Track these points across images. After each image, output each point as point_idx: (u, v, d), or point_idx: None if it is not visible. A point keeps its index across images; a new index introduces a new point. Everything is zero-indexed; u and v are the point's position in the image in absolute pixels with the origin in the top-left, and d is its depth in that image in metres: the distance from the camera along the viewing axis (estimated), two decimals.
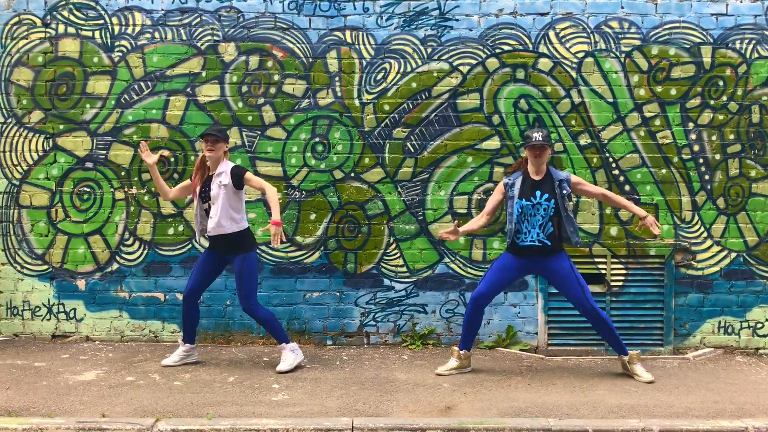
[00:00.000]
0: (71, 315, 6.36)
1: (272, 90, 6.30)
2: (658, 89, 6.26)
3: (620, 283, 6.26)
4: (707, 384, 5.30)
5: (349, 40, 6.30)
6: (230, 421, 4.31)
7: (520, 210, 5.26)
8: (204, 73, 6.29)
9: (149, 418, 4.33)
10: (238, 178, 5.34)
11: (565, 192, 5.24)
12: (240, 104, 6.31)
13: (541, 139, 5.20)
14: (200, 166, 5.48)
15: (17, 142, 6.31)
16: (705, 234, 6.29)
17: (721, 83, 6.25)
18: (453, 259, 6.33)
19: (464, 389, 5.07)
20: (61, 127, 6.31)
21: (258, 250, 6.31)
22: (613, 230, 6.28)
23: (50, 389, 4.94)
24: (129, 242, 6.33)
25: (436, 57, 6.30)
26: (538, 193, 5.25)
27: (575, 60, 6.26)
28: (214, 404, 4.65)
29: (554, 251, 5.28)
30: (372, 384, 5.18)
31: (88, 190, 6.33)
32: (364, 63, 6.30)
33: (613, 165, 6.26)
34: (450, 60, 6.29)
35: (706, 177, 6.28)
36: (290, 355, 5.51)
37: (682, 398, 4.92)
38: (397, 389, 5.05)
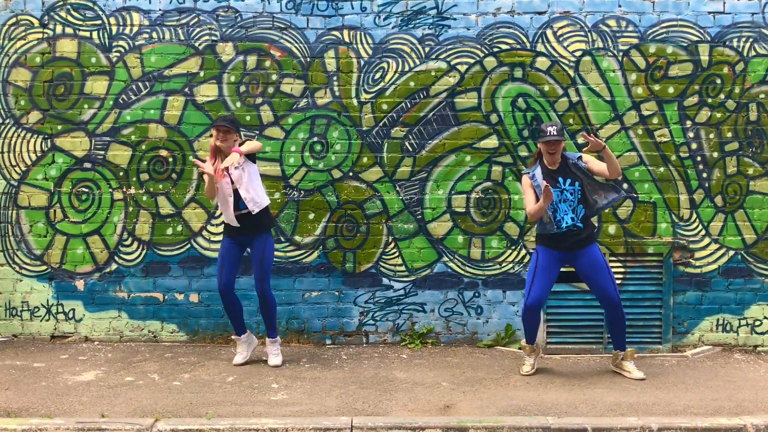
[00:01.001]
0: (70, 315, 6.36)
1: (270, 90, 6.31)
2: (656, 87, 6.26)
3: (618, 282, 6.26)
4: (706, 382, 5.31)
5: (347, 39, 6.30)
6: (229, 420, 4.32)
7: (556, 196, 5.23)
8: (202, 73, 6.29)
9: (148, 418, 4.33)
10: (245, 149, 5.37)
11: (583, 167, 5.27)
12: (238, 104, 6.31)
13: (555, 133, 5.18)
14: (215, 153, 5.43)
15: (15, 142, 6.31)
16: (703, 232, 6.30)
17: (718, 81, 6.25)
18: (452, 258, 6.33)
19: (463, 388, 5.08)
20: (59, 127, 6.31)
21: None
22: (611, 228, 6.28)
23: (49, 390, 4.94)
24: (128, 242, 6.33)
25: (434, 56, 6.30)
26: (560, 179, 5.25)
27: (573, 59, 6.27)
28: (214, 404, 4.66)
29: (590, 239, 5.29)
30: (371, 383, 5.18)
31: (86, 190, 6.33)
32: (362, 62, 6.30)
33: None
34: (448, 59, 6.29)
35: (704, 175, 6.28)
36: (278, 348, 5.69)
37: (681, 396, 4.93)
38: (396, 388, 5.06)
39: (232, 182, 5.38)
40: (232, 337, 5.77)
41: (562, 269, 5.45)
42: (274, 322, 5.65)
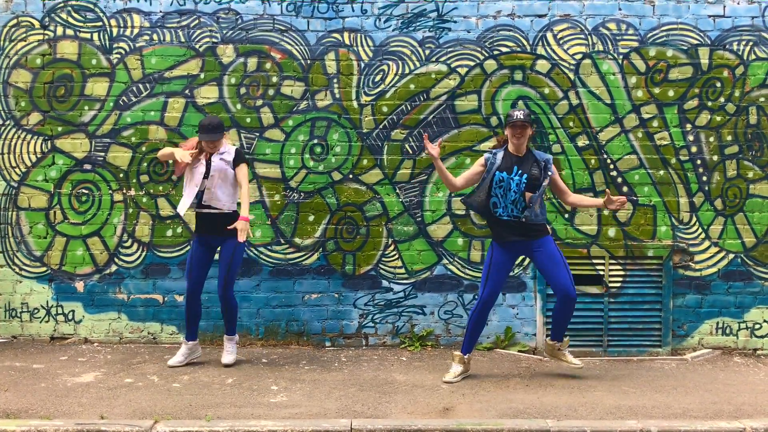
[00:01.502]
0: (70, 317, 6.36)
1: (270, 92, 6.31)
2: (656, 91, 6.27)
3: (618, 285, 6.27)
4: (705, 385, 5.30)
5: (347, 41, 6.30)
6: (228, 423, 4.31)
7: (499, 180, 5.18)
8: (202, 75, 6.30)
9: (148, 420, 4.33)
10: (239, 159, 5.47)
11: (549, 173, 5.19)
12: (238, 106, 6.31)
13: (522, 117, 5.14)
14: (200, 148, 5.49)
15: (15, 144, 6.31)
16: (703, 235, 6.30)
17: (718, 85, 6.26)
18: (451, 260, 6.33)
19: (463, 390, 5.08)
20: (60, 129, 6.31)
21: (256, 252, 6.32)
22: (611, 231, 6.28)
23: (49, 391, 4.94)
24: (127, 244, 6.33)
25: (434, 59, 6.30)
26: (515, 168, 5.17)
27: (573, 62, 6.27)
28: (213, 406, 4.65)
29: (539, 232, 5.21)
30: (370, 385, 5.18)
31: (86, 191, 6.33)
32: (363, 65, 6.31)
33: (611, 166, 6.27)
34: (448, 62, 6.30)
35: (704, 178, 6.29)
36: (235, 347, 5.76)
37: (680, 399, 4.93)
38: (396, 391, 5.05)
39: (211, 171, 5.38)
40: (181, 339, 5.77)
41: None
42: (235, 322, 5.70)
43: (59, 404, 4.66)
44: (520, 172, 5.17)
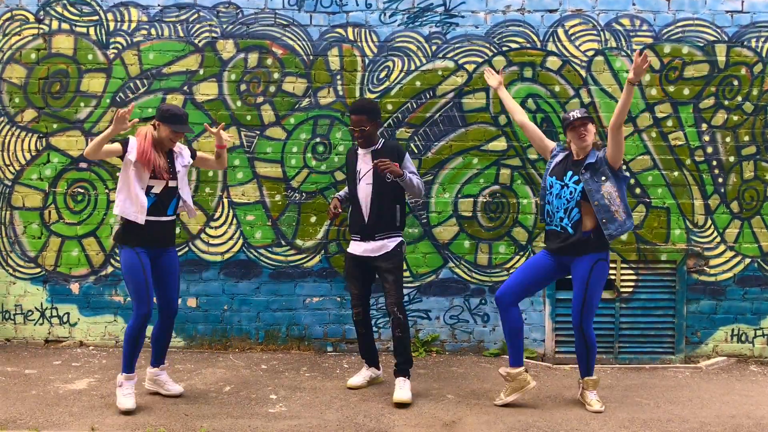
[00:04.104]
0: (65, 319, 6.19)
1: (272, 88, 6.11)
2: (671, 89, 6.05)
3: (630, 290, 6.06)
4: (722, 396, 5.09)
5: (351, 37, 6.10)
6: None
7: (549, 186, 4.76)
8: (201, 71, 6.10)
9: None
10: (193, 156, 4.86)
11: (596, 173, 4.57)
12: (238, 103, 6.12)
13: (579, 115, 4.63)
14: (154, 143, 4.63)
15: (9, 141, 6.13)
16: (718, 239, 6.08)
17: (735, 83, 6.04)
18: (458, 263, 6.13)
19: (469, 400, 4.88)
20: (55, 126, 6.12)
21: (256, 254, 6.14)
22: (624, 235, 6.06)
23: (39, 399, 4.76)
24: None
25: (441, 55, 6.09)
26: (569, 173, 4.67)
27: (585, 58, 6.06)
28: (209, 416, 4.47)
29: (582, 248, 4.61)
30: (373, 394, 4.99)
31: (82, 191, 6.15)
32: (367, 61, 6.10)
33: (624, 167, 6.05)
34: (455, 58, 6.09)
35: (720, 180, 6.07)
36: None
37: (697, 412, 4.72)
38: None
39: (176, 178, 4.67)
40: (123, 375, 4.58)
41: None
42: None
43: (49, 414, 4.48)
44: (576, 178, 4.67)
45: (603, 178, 4.61)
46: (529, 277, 4.81)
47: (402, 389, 4.80)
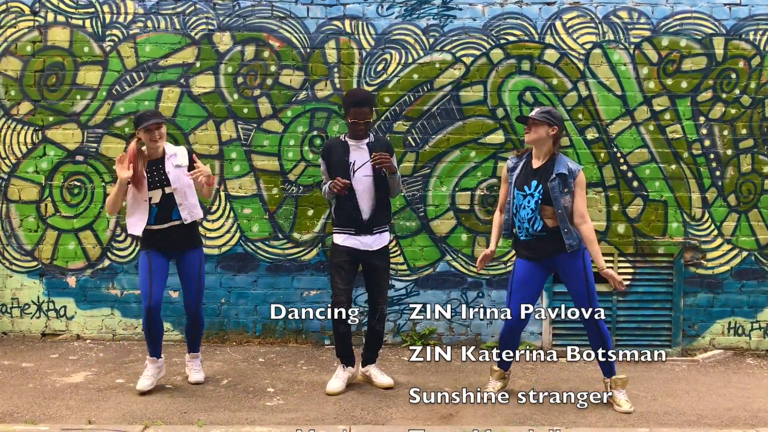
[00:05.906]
0: (61, 313, 6.17)
1: (269, 81, 6.09)
2: (669, 82, 6.04)
3: (627, 283, 6.06)
4: (718, 389, 5.10)
5: (348, 29, 6.08)
6: (222, 428, 4.15)
7: (513, 198, 4.64)
8: (198, 64, 6.08)
9: (137, 425, 4.16)
10: (191, 156, 4.80)
11: (561, 187, 4.46)
12: (235, 96, 6.09)
13: (532, 114, 4.51)
14: (138, 154, 4.66)
15: (5, 134, 6.10)
16: (715, 232, 6.08)
17: (733, 76, 6.03)
18: (455, 256, 6.13)
19: (467, 393, 4.87)
20: (51, 119, 6.10)
21: (254, 247, 6.13)
22: (621, 228, 6.07)
23: (36, 393, 4.76)
24: (121, 238, 6.13)
25: (438, 47, 6.08)
26: (533, 183, 4.54)
27: (583, 51, 6.04)
28: (206, 410, 4.47)
29: (561, 245, 4.50)
30: (370, 387, 4.99)
31: (78, 184, 6.13)
32: (364, 53, 6.08)
33: (621, 160, 6.05)
34: (453, 51, 6.07)
35: (717, 173, 6.07)
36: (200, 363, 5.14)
37: (694, 405, 4.73)
38: (397, 393, 4.85)
39: (169, 183, 4.70)
40: (148, 358, 4.85)
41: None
42: (200, 339, 5.12)
43: (46, 407, 4.47)
44: (540, 188, 4.56)
45: (566, 190, 4.49)
46: (527, 296, 4.69)
47: (384, 375, 5.08)
